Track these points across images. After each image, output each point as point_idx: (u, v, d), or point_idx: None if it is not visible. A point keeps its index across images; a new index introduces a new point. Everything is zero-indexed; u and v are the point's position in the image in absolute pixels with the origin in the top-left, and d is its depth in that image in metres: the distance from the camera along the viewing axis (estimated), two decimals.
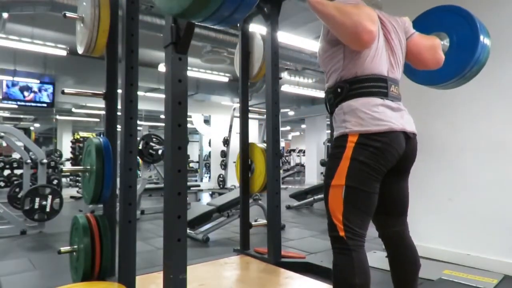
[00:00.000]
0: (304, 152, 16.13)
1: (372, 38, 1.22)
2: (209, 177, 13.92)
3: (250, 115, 3.12)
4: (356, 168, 1.29)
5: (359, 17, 1.19)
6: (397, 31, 1.45)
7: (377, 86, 1.34)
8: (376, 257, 2.95)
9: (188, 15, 0.96)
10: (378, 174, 1.31)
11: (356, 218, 1.30)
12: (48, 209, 4.33)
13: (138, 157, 5.27)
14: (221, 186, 10.17)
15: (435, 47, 1.53)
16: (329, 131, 12.19)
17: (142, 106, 10.21)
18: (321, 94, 9.80)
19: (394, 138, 1.30)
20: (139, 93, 2.27)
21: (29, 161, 4.84)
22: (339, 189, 1.30)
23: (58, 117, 13.65)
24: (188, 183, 5.74)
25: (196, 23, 1.08)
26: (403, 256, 1.49)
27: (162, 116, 11.16)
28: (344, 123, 1.33)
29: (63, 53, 5.84)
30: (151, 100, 10.00)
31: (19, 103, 8.11)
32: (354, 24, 1.19)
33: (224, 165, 9.73)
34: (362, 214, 1.32)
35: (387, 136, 1.29)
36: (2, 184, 7.47)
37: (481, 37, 1.63)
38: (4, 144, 9.45)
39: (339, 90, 1.37)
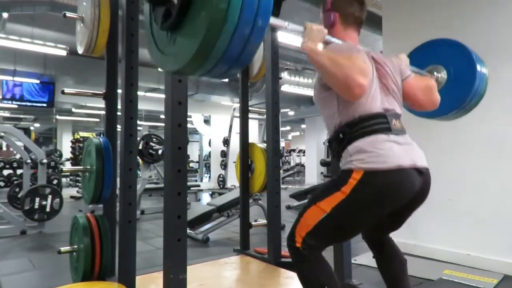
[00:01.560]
0: (304, 152, 16.13)
1: (363, 92, 1.18)
2: (209, 177, 13.92)
3: (250, 115, 3.12)
4: (348, 207, 1.23)
5: (350, 70, 1.16)
6: (392, 72, 1.42)
7: (378, 122, 1.29)
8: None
9: (184, 73, 0.99)
10: (370, 217, 1.28)
11: (318, 241, 1.31)
12: (48, 209, 4.33)
13: (138, 157, 5.27)
14: (221, 186, 10.17)
15: (430, 88, 1.50)
16: None
17: (142, 106, 10.20)
18: None
19: (404, 177, 1.22)
20: (139, 93, 2.27)
21: (29, 161, 4.84)
22: (320, 213, 1.27)
23: (58, 117, 13.65)
24: (188, 183, 5.74)
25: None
26: (389, 255, 1.52)
27: (162, 116, 11.16)
28: (350, 161, 1.26)
29: (63, 53, 5.84)
30: (151, 100, 9.99)
31: (19, 103, 8.11)
32: (345, 77, 1.16)
33: (224, 165, 9.73)
34: (327, 241, 1.33)
35: (395, 175, 1.21)
36: (2, 184, 7.48)
37: (478, 67, 1.63)
38: (5, 148, 9.46)
39: (341, 135, 1.32)
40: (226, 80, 8.20)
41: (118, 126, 2.37)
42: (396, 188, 1.22)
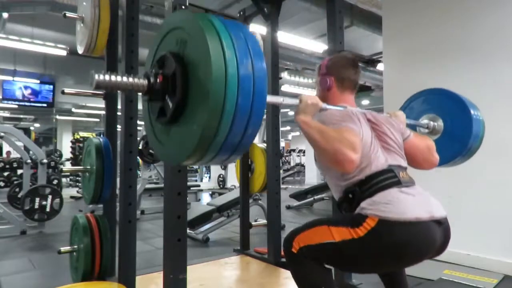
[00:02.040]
0: (304, 152, 16.13)
1: (353, 167, 1.17)
2: (209, 177, 13.92)
3: None
4: (357, 249, 1.19)
5: (340, 145, 1.16)
6: (391, 131, 1.42)
7: (387, 177, 1.27)
8: None
9: (188, 164, 0.99)
10: (377, 268, 1.26)
11: (313, 258, 1.29)
12: (48, 209, 4.33)
13: (138, 157, 5.27)
14: (221, 186, 10.18)
15: (430, 150, 1.51)
16: None
17: (141, 106, 10.17)
18: None
19: (424, 231, 1.17)
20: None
21: (29, 161, 4.84)
22: (328, 237, 1.24)
23: (58, 117, 13.64)
24: (188, 183, 5.73)
25: None
26: None
27: None
28: (364, 210, 1.22)
29: (63, 53, 5.83)
30: None
31: (19, 103, 8.11)
32: (335, 152, 1.16)
33: (224, 165, 9.73)
34: (322, 262, 1.30)
35: (414, 228, 1.15)
36: (2, 184, 7.47)
37: (472, 112, 1.65)
38: (5, 155, 9.47)
39: (350, 196, 1.29)
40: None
41: (118, 126, 2.37)
42: (415, 243, 1.17)
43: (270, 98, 1.27)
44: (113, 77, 0.94)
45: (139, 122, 2.31)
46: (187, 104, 0.91)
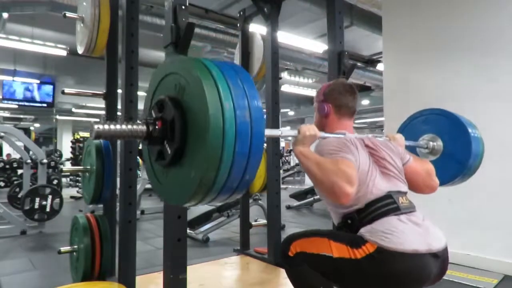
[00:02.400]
0: None
1: (349, 200, 1.18)
2: None
3: None
4: (353, 271, 1.21)
5: (337, 177, 1.17)
6: (390, 155, 1.42)
7: (386, 204, 1.28)
8: None
9: (191, 205, 1.00)
10: None
11: (310, 266, 1.30)
12: (48, 209, 4.33)
13: (138, 157, 5.27)
14: None
15: (430, 174, 1.51)
16: None
17: (142, 106, 10.17)
18: None
19: (420, 264, 1.19)
20: (139, 93, 2.27)
21: (29, 161, 4.84)
22: (327, 249, 1.26)
23: (58, 117, 13.64)
24: None
25: None
26: None
27: None
28: (364, 236, 1.23)
29: (63, 53, 5.83)
30: None
31: (19, 103, 8.11)
32: (331, 184, 1.17)
33: None
34: (318, 271, 1.30)
35: (411, 261, 1.17)
36: (2, 184, 7.48)
37: (470, 131, 1.66)
38: (5, 157, 9.47)
39: (349, 221, 1.30)
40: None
41: None
42: (410, 275, 1.18)
43: (268, 132, 1.27)
44: (112, 126, 0.95)
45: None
46: (186, 150, 0.92)
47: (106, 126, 0.94)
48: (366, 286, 1.27)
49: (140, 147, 5.41)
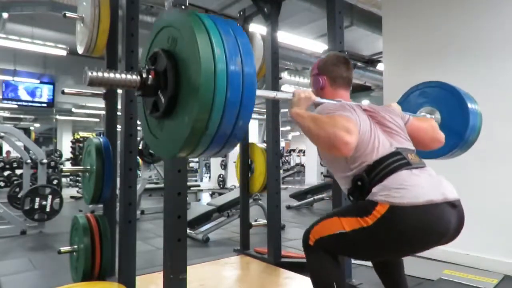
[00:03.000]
0: (304, 152, 16.12)
1: (350, 149, 1.16)
2: (209, 177, 13.91)
3: None
4: (368, 238, 1.19)
5: (334, 129, 1.16)
6: (389, 116, 1.42)
7: (396, 160, 1.25)
8: None
9: (181, 157, 1.03)
10: (389, 254, 1.26)
11: (328, 249, 1.31)
12: (48, 209, 4.33)
13: (138, 157, 5.27)
14: (221, 186, 10.18)
15: (433, 128, 1.52)
16: None
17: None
18: None
19: (438, 214, 1.14)
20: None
21: (29, 161, 4.84)
22: (339, 227, 1.25)
23: (58, 117, 13.64)
24: (188, 183, 5.74)
25: None
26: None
27: None
28: (375, 196, 1.20)
29: (63, 53, 5.83)
30: None
31: (19, 103, 8.11)
32: (328, 136, 1.17)
33: (224, 165, 9.73)
34: (335, 253, 1.32)
35: (426, 212, 1.13)
36: (2, 184, 7.47)
37: (469, 105, 1.67)
38: (5, 154, 9.47)
39: (359, 183, 1.28)
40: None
41: (118, 126, 2.37)
42: (428, 228, 1.14)
43: (263, 93, 1.30)
44: (106, 74, 0.96)
45: (139, 122, 2.31)
46: (179, 99, 0.94)
47: (100, 74, 0.96)
48: (384, 252, 1.25)
49: (140, 147, 5.38)
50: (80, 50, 2.42)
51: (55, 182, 6.97)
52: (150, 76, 0.98)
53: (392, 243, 1.19)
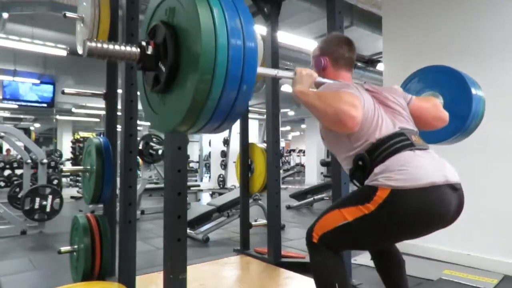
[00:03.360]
0: (304, 152, 16.12)
1: (356, 123, 1.16)
2: (209, 177, 13.92)
3: (250, 115, 3.12)
4: (371, 224, 1.19)
5: (339, 104, 1.16)
6: (394, 97, 1.42)
7: (399, 141, 1.23)
8: None
9: (180, 131, 1.02)
10: (394, 239, 1.26)
11: (335, 243, 1.30)
12: (48, 209, 4.33)
13: (138, 157, 5.27)
14: (221, 186, 10.17)
15: (436, 106, 1.50)
16: None
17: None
18: None
19: (439, 196, 1.14)
20: (139, 93, 2.27)
21: (29, 161, 4.84)
22: (341, 219, 1.24)
23: (58, 117, 13.64)
24: (188, 183, 5.74)
25: None
26: (386, 256, 1.51)
27: None
28: (376, 179, 1.18)
29: (63, 53, 5.84)
30: None
31: (19, 103, 8.11)
32: (335, 112, 1.16)
33: (224, 165, 9.73)
34: (341, 247, 1.31)
35: (428, 194, 1.12)
36: (2, 184, 7.47)
37: (473, 90, 1.65)
38: (5, 152, 9.46)
39: (360, 163, 1.27)
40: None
41: (118, 126, 2.37)
42: (429, 210, 1.13)
43: (265, 70, 1.30)
44: (105, 45, 0.95)
45: (139, 122, 2.31)
46: (179, 70, 0.93)
47: (99, 44, 0.95)
48: (385, 237, 1.25)
49: (140, 147, 5.38)
50: (80, 50, 2.42)
51: (55, 182, 6.97)
52: (150, 47, 0.98)
53: (393, 226, 1.18)
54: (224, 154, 9.79)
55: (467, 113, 1.64)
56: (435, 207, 1.14)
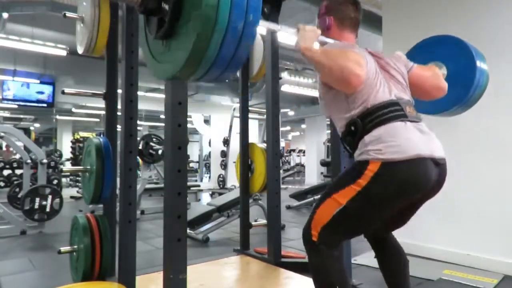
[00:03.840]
0: (304, 152, 16.12)
1: (361, 81, 1.20)
2: (209, 177, 13.92)
3: (250, 115, 3.12)
4: (364, 200, 1.22)
5: (345, 62, 1.19)
6: (395, 63, 1.43)
7: (393, 110, 1.26)
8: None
9: (180, 78, 1.01)
10: (387, 210, 1.27)
11: (334, 236, 1.30)
12: (48, 209, 4.33)
13: (138, 157, 5.27)
14: (221, 186, 10.17)
15: (437, 76, 1.51)
16: (329, 131, 12.17)
17: (142, 106, 10.20)
18: None
19: (423, 167, 1.20)
20: (139, 93, 2.27)
21: (29, 161, 4.84)
22: (336, 206, 1.26)
23: (58, 117, 13.65)
24: (188, 183, 5.74)
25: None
26: (391, 255, 1.51)
27: (162, 116, 11.14)
28: (366, 152, 1.23)
29: (63, 53, 5.84)
30: (151, 100, 9.99)
31: (19, 103, 8.11)
32: (341, 68, 1.19)
33: (224, 165, 9.73)
34: (342, 236, 1.32)
35: (414, 165, 1.18)
36: (2, 184, 7.47)
37: (478, 62, 1.64)
38: (5, 148, 9.46)
39: (353, 128, 1.29)
40: (226, 80, 8.19)
41: (118, 126, 2.37)
42: (415, 180, 1.19)
43: (268, 24, 1.33)
44: None
45: (139, 122, 2.31)
46: (183, 9, 0.93)
47: None
48: (379, 210, 1.26)
49: (140, 147, 5.38)
50: (80, 50, 2.42)
51: (55, 182, 6.97)
52: None
53: (384, 197, 1.22)
54: (224, 154, 9.79)
55: (470, 82, 1.63)
56: (419, 178, 1.20)
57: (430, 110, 1.80)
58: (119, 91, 2.34)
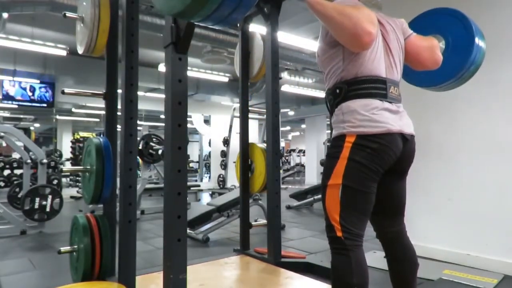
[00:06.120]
0: (304, 152, 16.13)
1: (372, 40, 1.21)
2: (209, 177, 13.92)
3: (250, 115, 3.12)
4: (353, 168, 1.29)
5: (358, 19, 1.18)
6: (395, 32, 1.45)
7: (376, 87, 1.33)
8: (376, 257, 2.95)
9: (187, 14, 0.96)
10: (374, 174, 1.31)
11: (353, 218, 1.30)
12: (48, 209, 4.33)
13: (138, 157, 5.27)
14: (221, 186, 10.17)
15: (433, 47, 1.52)
16: (329, 131, 12.18)
17: (142, 106, 10.21)
18: (321, 94, 9.80)
19: (391, 140, 1.30)
20: (139, 93, 2.27)
21: (29, 161, 4.84)
22: (336, 188, 1.30)
23: (58, 117, 13.65)
24: (188, 183, 5.74)
25: (196, 23, 1.08)
26: (401, 256, 1.49)
27: (162, 116, 11.15)
28: (343, 123, 1.33)
29: (63, 53, 5.84)
30: (151, 100, 10.00)
31: (19, 103, 8.11)
32: (354, 25, 1.18)
33: (224, 165, 9.73)
34: (359, 214, 1.31)
35: (384, 138, 1.29)
36: (2, 184, 7.47)
37: (476, 39, 1.64)
38: (4, 144, 9.46)
39: (337, 91, 1.37)
40: (226, 80, 8.20)
41: (118, 126, 2.37)
42: (385, 148, 1.30)
43: None
44: None
45: (139, 122, 2.31)
46: None
47: None
48: (369, 170, 1.30)
49: (140, 147, 5.38)
50: (80, 50, 2.42)
51: (55, 182, 6.97)
52: None
53: (367, 161, 1.28)
54: (224, 154, 9.79)
55: (466, 58, 1.63)
56: (387, 147, 1.30)
57: (424, 82, 1.82)
58: (119, 91, 2.34)
